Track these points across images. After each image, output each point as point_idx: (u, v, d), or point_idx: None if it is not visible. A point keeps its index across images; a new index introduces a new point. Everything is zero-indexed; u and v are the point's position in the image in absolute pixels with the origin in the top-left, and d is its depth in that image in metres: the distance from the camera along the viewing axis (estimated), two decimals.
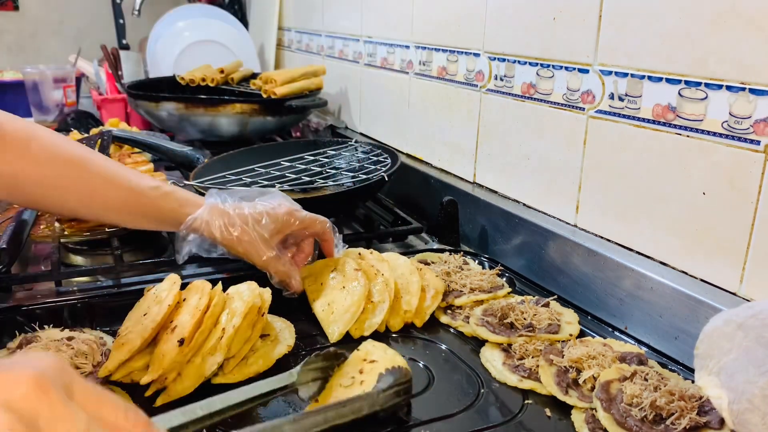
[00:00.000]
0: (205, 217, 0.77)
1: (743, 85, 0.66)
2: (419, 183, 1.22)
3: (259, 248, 0.77)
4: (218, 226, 0.77)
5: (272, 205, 0.80)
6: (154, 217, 0.78)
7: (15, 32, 2.77)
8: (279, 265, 0.78)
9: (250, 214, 0.78)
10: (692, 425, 0.56)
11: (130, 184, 0.76)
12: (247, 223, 0.77)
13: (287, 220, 0.79)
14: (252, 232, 0.77)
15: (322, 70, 1.60)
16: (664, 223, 0.76)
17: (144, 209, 0.77)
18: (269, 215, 0.78)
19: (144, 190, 0.76)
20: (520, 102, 0.98)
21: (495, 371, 0.69)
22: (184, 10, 1.99)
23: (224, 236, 0.77)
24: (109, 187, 0.75)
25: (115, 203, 0.76)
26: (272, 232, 0.78)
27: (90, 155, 0.76)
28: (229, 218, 0.77)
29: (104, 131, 1.27)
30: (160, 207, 0.77)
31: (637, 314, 0.76)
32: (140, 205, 0.77)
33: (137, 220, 0.79)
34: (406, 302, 0.78)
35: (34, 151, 0.72)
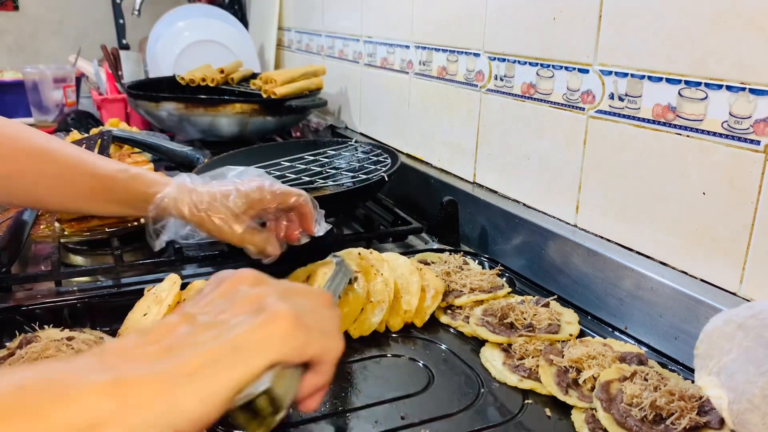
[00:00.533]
0: (173, 194, 0.75)
1: (743, 85, 0.66)
2: (419, 183, 1.22)
3: (231, 224, 0.75)
4: (186, 204, 0.75)
5: (242, 181, 0.78)
6: (123, 201, 0.77)
7: (15, 32, 2.77)
8: (254, 238, 0.76)
9: (219, 191, 0.76)
10: (692, 425, 0.56)
11: (96, 170, 0.75)
12: (216, 200, 0.75)
13: (258, 194, 0.76)
14: (221, 207, 0.75)
15: (322, 70, 1.60)
16: (664, 223, 0.76)
17: (112, 194, 0.76)
18: (238, 191, 0.76)
19: (111, 173, 0.75)
20: (520, 102, 0.98)
21: (495, 371, 0.69)
22: (184, 10, 1.99)
23: (193, 213, 0.75)
24: (76, 175, 0.74)
25: (83, 191, 0.75)
26: (243, 208, 0.75)
27: (53, 144, 0.75)
28: (197, 195, 0.75)
29: (104, 131, 1.27)
30: (128, 189, 0.76)
31: (637, 314, 0.76)
32: (108, 189, 0.76)
33: (107, 206, 0.78)
34: (406, 302, 0.78)
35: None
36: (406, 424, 0.60)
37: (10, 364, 0.64)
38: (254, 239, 0.76)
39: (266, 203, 0.77)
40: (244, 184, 0.77)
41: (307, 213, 0.79)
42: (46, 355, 0.64)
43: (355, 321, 0.75)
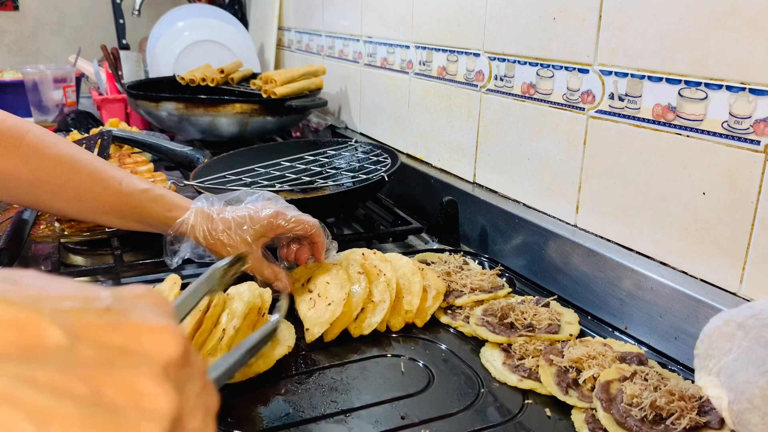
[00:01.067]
0: (191, 221, 0.78)
1: (743, 85, 0.66)
2: (419, 183, 1.22)
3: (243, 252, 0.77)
4: (202, 231, 0.77)
5: (256, 209, 0.79)
6: (142, 220, 0.79)
7: (15, 32, 2.77)
8: (263, 269, 0.78)
9: (233, 219, 0.78)
10: (692, 425, 0.56)
11: (120, 187, 0.76)
12: (230, 228, 0.77)
13: (271, 222, 0.78)
14: (234, 236, 0.77)
15: (322, 70, 1.60)
16: (664, 223, 0.76)
17: (132, 212, 0.78)
18: (251, 219, 0.78)
19: (133, 193, 0.77)
20: (520, 102, 0.98)
21: (495, 371, 0.69)
22: (184, 10, 1.99)
23: (208, 241, 0.77)
24: (98, 189, 0.76)
25: (103, 205, 0.77)
26: (255, 236, 0.78)
27: (80, 155, 0.76)
28: (213, 223, 0.78)
29: (104, 131, 1.27)
30: (148, 210, 0.78)
31: (637, 314, 0.76)
32: (129, 207, 0.77)
33: (125, 222, 0.80)
34: (408, 302, 0.78)
35: (24, 150, 0.73)
36: (406, 424, 0.60)
37: None
38: (263, 271, 0.78)
39: (279, 231, 0.79)
40: (258, 210, 0.79)
41: (318, 243, 0.81)
42: None
43: (356, 320, 0.75)
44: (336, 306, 0.74)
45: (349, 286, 0.77)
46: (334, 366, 0.70)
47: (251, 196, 0.82)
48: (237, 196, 0.83)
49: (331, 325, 0.74)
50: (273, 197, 0.82)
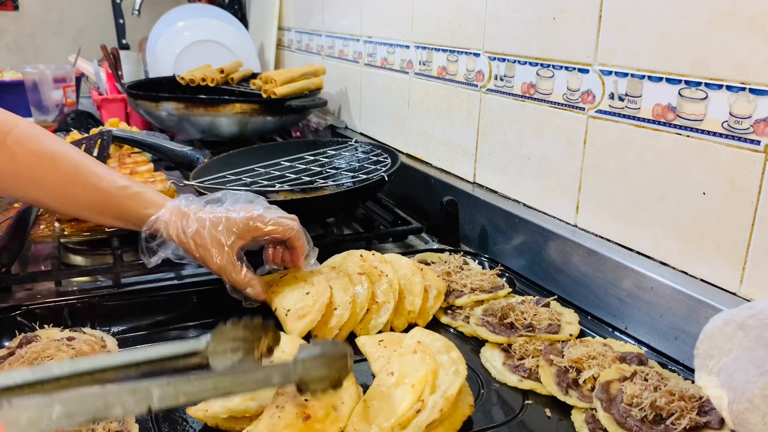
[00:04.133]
0: (165, 218, 0.76)
1: (743, 85, 0.66)
2: (419, 183, 1.22)
3: (213, 253, 0.74)
4: (176, 229, 0.75)
5: (234, 209, 0.77)
6: (120, 217, 0.78)
7: (15, 32, 2.76)
8: (233, 273, 0.75)
9: (209, 218, 0.75)
10: (692, 425, 0.56)
11: (100, 184, 0.76)
12: (204, 227, 0.75)
13: (248, 224, 0.75)
14: (207, 236, 0.74)
15: (322, 70, 1.60)
16: (664, 223, 0.76)
17: (111, 209, 0.77)
18: (228, 220, 0.75)
19: (111, 189, 0.77)
20: (520, 102, 0.98)
21: (495, 371, 0.69)
22: (184, 10, 1.99)
23: (180, 239, 0.75)
24: (77, 185, 0.76)
25: (82, 201, 0.77)
26: (231, 238, 0.75)
27: (63, 151, 0.76)
28: (188, 221, 0.76)
29: (104, 131, 1.27)
30: (125, 207, 0.77)
31: (637, 314, 0.76)
32: (106, 204, 0.77)
33: (104, 219, 0.80)
34: (410, 303, 0.78)
35: (9, 144, 0.73)
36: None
37: (10, 363, 0.64)
38: (231, 274, 0.75)
39: (256, 234, 0.76)
40: (236, 212, 0.76)
41: (297, 248, 0.79)
42: (46, 355, 0.64)
43: (361, 321, 0.75)
44: (343, 310, 0.74)
45: (353, 288, 0.77)
46: None
47: (232, 197, 0.80)
48: (218, 197, 0.81)
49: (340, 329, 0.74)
50: (255, 199, 0.80)
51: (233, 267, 0.75)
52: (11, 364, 0.64)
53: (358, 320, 0.75)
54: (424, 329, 0.68)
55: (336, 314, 0.74)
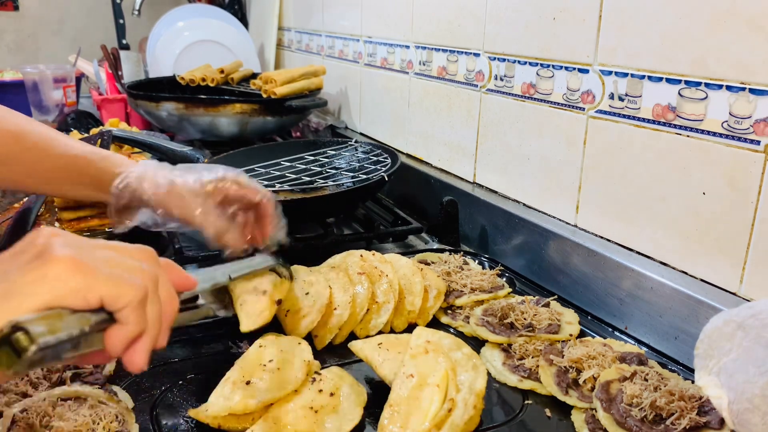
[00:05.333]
0: (138, 172, 0.75)
1: (743, 85, 0.66)
2: (419, 183, 1.22)
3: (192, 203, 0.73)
4: (149, 181, 0.74)
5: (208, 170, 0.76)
6: (93, 183, 0.77)
7: (15, 32, 2.77)
8: (214, 220, 0.73)
9: (181, 173, 0.75)
10: (692, 425, 0.56)
11: (68, 151, 0.76)
12: (177, 179, 0.74)
13: (221, 182, 0.75)
14: (182, 187, 0.73)
15: (322, 70, 1.60)
16: (664, 223, 0.76)
17: (81, 174, 0.76)
18: (201, 175, 0.75)
19: (79, 155, 0.76)
20: (520, 102, 0.98)
21: (495, 371, 0.69)
22: (184, 10, 1.99)
23: (155, 192, 0.74)
24: (44, 157, 0.75)
25: (52, 173, 0.76)
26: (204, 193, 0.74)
27: (29, 126, 0.76)
28: (162, 175, 0.75)
29: (104, 131, 1.26)
30: (98, 170, 0.76)
31: (637, 314, 0.76)
32: (77, 170, 0.76)
33: (79, 189, 0.78)
34: (410, 303, 0.78)
35: None
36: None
37: None
38: (214, 221, 0.73)
39: (228, 191, 0.75)
40: (210, 172, 0.76)
41: (267, 215, 0.77)
42: None
43: (361, 321, 0.75)
44: (342, 310, 0.74)
45: (352, 288, 0.77)
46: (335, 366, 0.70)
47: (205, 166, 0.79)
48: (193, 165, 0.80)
49: (340, 329, 0.74)
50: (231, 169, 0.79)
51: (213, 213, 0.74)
52: None
53: (358, 320, 0.75)
54: (428, 329, 0.68)
55: (336, 314, 0.74)
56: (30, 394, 0.60)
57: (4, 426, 0.55)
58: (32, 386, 0.61)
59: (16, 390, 0.60)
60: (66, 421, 0.55)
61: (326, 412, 0.57)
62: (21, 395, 0.60)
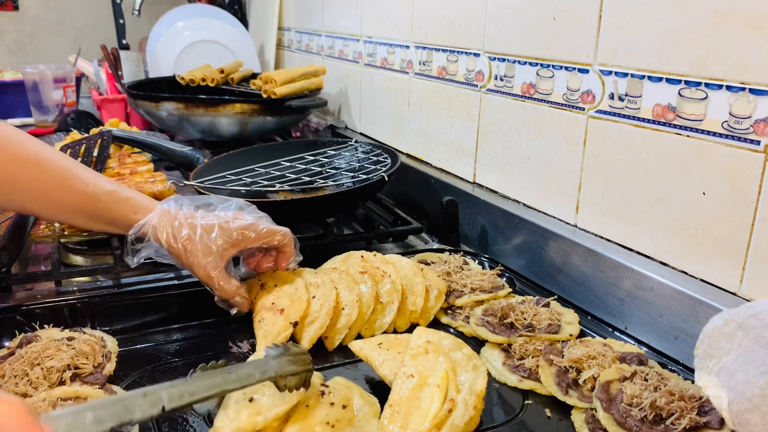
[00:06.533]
0: (154, 222, 0.75)
1: (743, 85, 0.66)
2: (419, 183, 1.22)
3: (202, 261, 0.73)
4: (165, 233, 0.74)
5: (227, 218, 0.76)
6: (108, 222, 0.77)
7: (15, 32, 2.77)
8: (221, 282, 0.74)
9: (201, 225, 0.74)
10: (692, 425, 0.56)
11: (86, 189, 0.75)
12: (195, 233, 0.74)
13: (242, 234, 0.75)
14: (198, 243, 0.73)
15: (322, 70, 1.60)
16: (664, 223, 0.76)
17: (98, 214, 0.76)
18: (221, 228, 0.74)
19: (99, 195, 0.75)
20: (520, 102, 0.98)
21: (495, 371, 0.69)
22: (184, 10, 1.99)
23: (170, 244, 0.74)
24: (63, 190, 0.75)
25: (68, 206, 0.76)
26: (222, 246, 0.74)
27: (49, 156, 0.75)
28: (178, 226, 0.74)
29: (104, 131, 1.27)
30: (114, 212, 0.76)
31: (637, 314, 0.76)
32: (95, 209, 0.76)
33: (92, 224, 0.78)
34: (412, 303, 0.78)
35: None
36: None
37: (10, 363, 0.64)
38: (220, 283, 0.74)
39: (249, 243, 0.76)
40: (229, 220, 0.75)
41: (287, 253, 0.78)
42: (47, 355, 0.64)
43: (367, 321, 0.75)
44: (351, 309, 0.74)
45: (357, 287, 0.77)
46: (337, 366, 0.70)
47: (223, 204, 0.79)
48: (209, 202, 0.79)
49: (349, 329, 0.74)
50: (246, 206, 0.79)
51: (222, 276, 0.74)
52: (11, 364, 0.64)
53: (366, 320, 0.75)
54: (428, 329, 0.68)
55: (344, 314, 0.74)
56: (30, 394, 0.60)
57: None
58: (32, 386, 0.61)
59: (16, 390, 0.61)
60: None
61: (343, 426, 0.57)
62: (21, 395, 0.60)
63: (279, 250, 0.78)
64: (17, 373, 0.62)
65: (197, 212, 0.77)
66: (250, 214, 0.78)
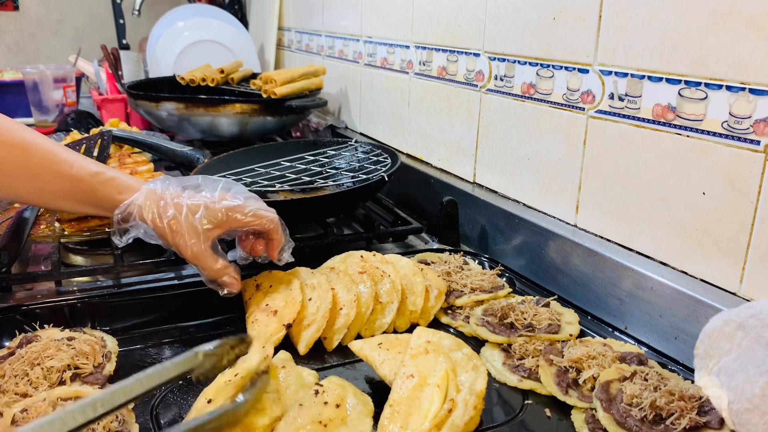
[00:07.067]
0: (140, 202, 0.74)
1: (743, 85, 0.66)
2: (419, 183, 1.22)
3: (188, 241, 0.73)
4: (151, 213, 0.73)
5: (213, 198, 0.75)
6: (94, 204, 0.76)
7: (15, 32, 2.77)
8: (208, 262, 0.73)
9: (187, 205, 0.73)
10: (692, 425, 0.56)
11: (71, 171, 0.75)
12: (181, 213, 0.73)
13: (228, 215, 0.74)
14: (184, 223, 0.72)
15: (322, 70, 1.60)
16: (664, 223, 0.76)
17: (84, 196, 0.76)
18: (207, 208, 0.73)
19: (84, 176, 0.75)
20: (520, 102, 0.98)
21: (495, 371, 0.69)
22: (184, 10, 1.99)
23: (156, 224, 0.73)
24: (50, 174, 0.74)
25: (55, 190, 0.75)
26: (208, 227, 0.73)
27: (33, 140, 0.75)
28: (164, 206, 0.74)
29: (104, 131, 1.27)
30: (99, 193, 0.75)
31: (637, 314, 0.76)
32: (80, 191, 0.75)
33: (80, 207, 0.78)
34: (412, 303, 0.78)
35: None
36: None
37: (10, 363, 0.64)
38: (208, 262, 0.73)
39: (235, 225, 0.75)
40: (216, 201, 0.75)
41: (275, 240, 0.77)
42: (47, 355, 0.64)
43: (367, 322, 0.75)
44: (349, 309, 0.74)
45: (355, 287, 0.77)
46: (336, 366, 0.70)
47: (211, 184, 0.78)
48: (197, 183, 0.79)
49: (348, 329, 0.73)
50: (233, 186, 0.78)
51: (209, 256, 0.74)
52: (11, 364, 0.64)
53: (365, 320, 0.75)
54: (428, 329, 0.68)
55: (342, 314, 0.74)
56: (30, 394, 0.60)
57: (4, 426, 0.55)
58: (32, 386, 0.61)
59: (16, 390, 0.61)
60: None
61: (336, 425, 0.57)
62: (21, 395, 0.60)
63: (267, 236, 0.78)
64: (17, 373, 0.62)
65: (184, 192, 0.76)
66: (239, 194, 0.77)
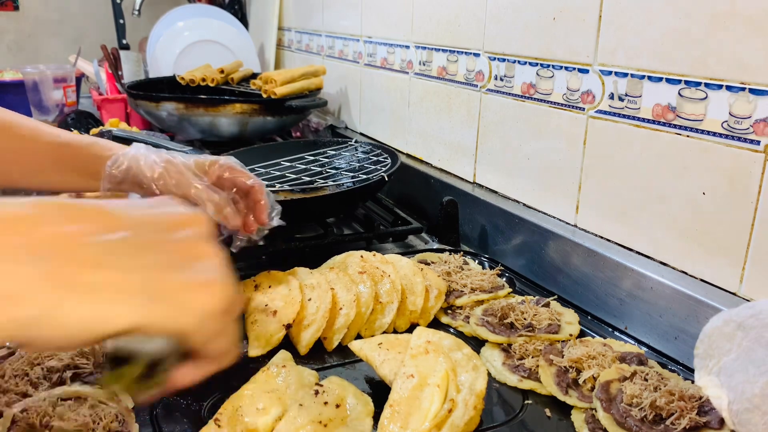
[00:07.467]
0: (132, 153, 0.75)
1: (743, 85, 0.66)
2: (419, 183, 1.22)
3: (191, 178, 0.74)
4: (147, 161, 0.74)
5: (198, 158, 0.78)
6: (84, 169, 0.76)
7: (15, 32, 2.77)
8: (212, 193, 0.74)
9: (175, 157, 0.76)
10: (692, 425, 0.56)
11: (58, 138, 0.76)
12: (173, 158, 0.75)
13: (212, 164, 0.76)
14: (180, 165, 0.74)
15: (322, 70, 1.60)
16: (664, 223, 0.76)
17: (74, 161, 0.76)
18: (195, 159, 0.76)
19: (70, 142, 0.76)
20: (520, 102, 0.98)
21: (495, 371, 0.69)
22: (184, 10, 1.99)
23: (153, 170, 0.74)
24: (38, 145, 0.75)
25: (45, 161, 0.76)
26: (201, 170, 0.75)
27: (15, 118, 0.76)
28: (157, 154, 0.75)
29: (104, 131, 1.27)
30: (86, 154, 0.76)
31: (637, 314, 0.76)
32: (67, 157, 0.76)
33: (71, 177, 0.77)
34: (412, 303, 0.78)
35: None
36: None
37: (10, 363, 0.64)
38: (213, 195, 0.74)
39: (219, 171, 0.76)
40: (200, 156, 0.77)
41: (260, 202, 0.77)
42: (47, 355, 0.64)
43: (367, 321, 0.75)
44: (348, 309, 0.74)
45: (355, 287, 0.77)
46: (336, 366, 0.70)
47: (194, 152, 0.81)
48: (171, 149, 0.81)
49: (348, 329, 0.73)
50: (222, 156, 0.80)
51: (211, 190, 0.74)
52: (11, 364, 0.64)
53: (365, 320, 0.75)
54: (428, 329, 0.68)
55: (342, 314, 0.74)
56: (30, 394, 0.60)
57: (4, 426, 0.55)
58: (32, 386, 0.61)
59: (16, 390, 0.61)
60: (66, 420, 0.55)
61: (336, 425, 0.57)
62: (21, 395, 0.60)
63: (253, 199, 0.77)
64: (17, 373, 0.62)
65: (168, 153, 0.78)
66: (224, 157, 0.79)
